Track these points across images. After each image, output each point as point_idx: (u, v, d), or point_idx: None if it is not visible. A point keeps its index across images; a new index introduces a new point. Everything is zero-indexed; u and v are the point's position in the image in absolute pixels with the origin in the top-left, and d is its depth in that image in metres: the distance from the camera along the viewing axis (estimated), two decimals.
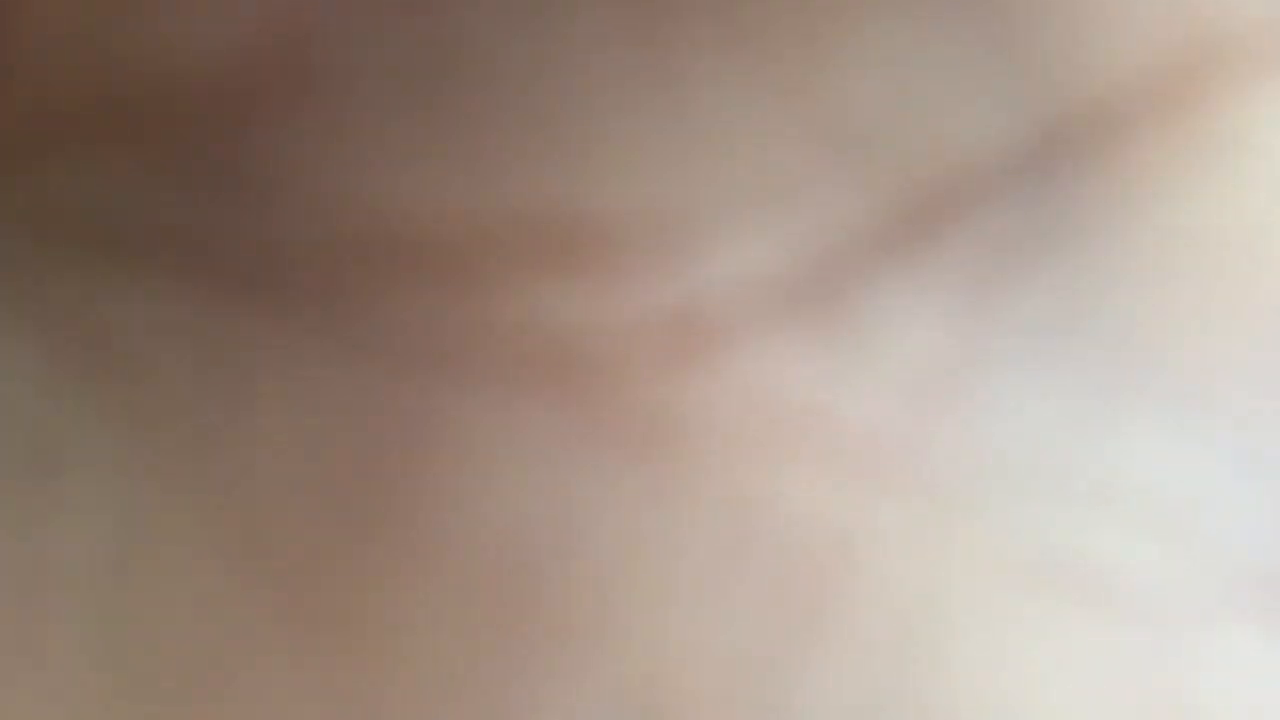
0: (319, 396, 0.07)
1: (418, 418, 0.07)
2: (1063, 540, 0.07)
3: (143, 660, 0.06)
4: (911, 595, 0.06)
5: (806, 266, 0.07)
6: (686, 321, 0.07)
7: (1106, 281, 0.07)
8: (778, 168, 0.07)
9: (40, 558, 0.06)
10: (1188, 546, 0.07)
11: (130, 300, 0.07)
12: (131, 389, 0.07)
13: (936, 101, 0.07)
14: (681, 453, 0.07)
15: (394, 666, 0.06)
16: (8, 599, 0.06)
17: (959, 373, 0.07)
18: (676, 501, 0.07)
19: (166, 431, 0.07)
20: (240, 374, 0.07)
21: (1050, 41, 0.07)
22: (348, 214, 0.07)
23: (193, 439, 0.07)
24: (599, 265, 0.07)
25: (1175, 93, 0.07)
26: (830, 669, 0.06)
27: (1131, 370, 0.07)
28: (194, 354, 0.07)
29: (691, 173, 0.07)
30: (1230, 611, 0.06)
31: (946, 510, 0.07)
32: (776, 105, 0.07)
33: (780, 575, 0.06)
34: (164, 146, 0.07)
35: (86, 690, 0.06)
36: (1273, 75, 0.07)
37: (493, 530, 0.07)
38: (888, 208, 0.07)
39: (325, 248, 0.07)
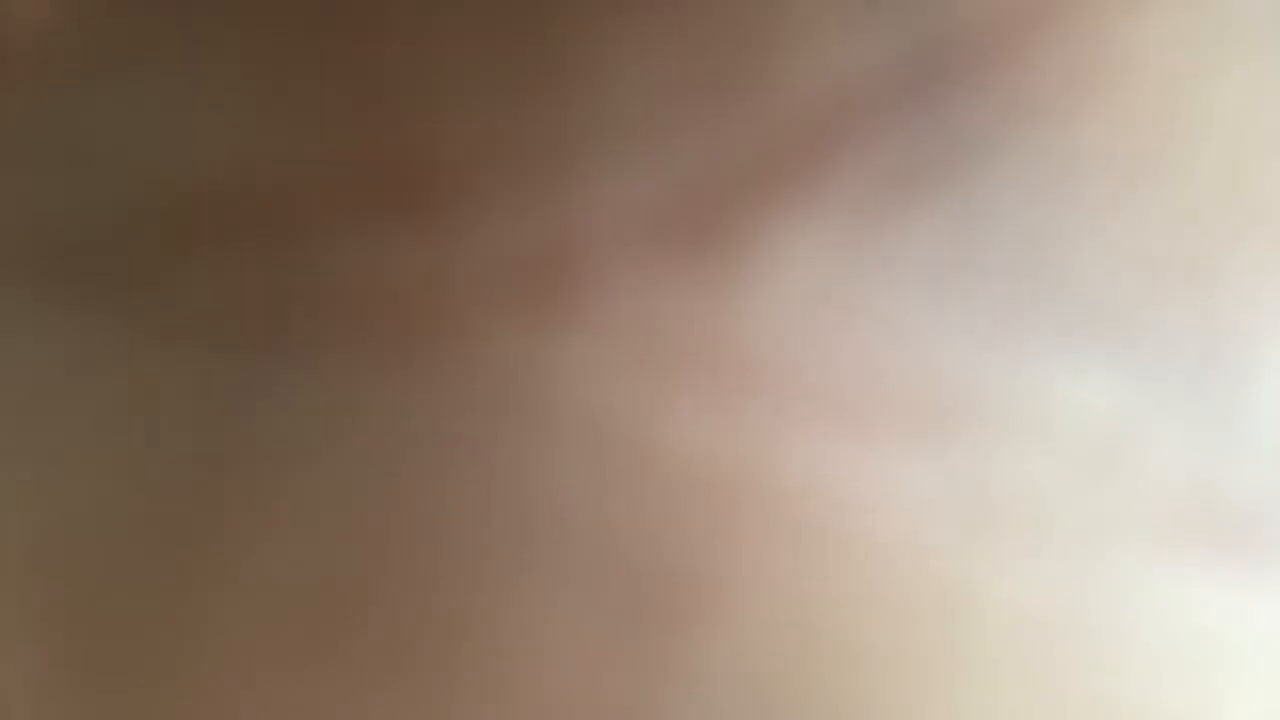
0: (143, 387, 0.06)
1: (241, 396, 0.06)
2: (970, 468, 0.06)
3: None
4: (815, 524, 0.06)
5: (679, 200, 0.06)
6: (547, 265, 0.06)
7: (998, 209, 0.07)
8: (644, 98, 0.06)
9: None
10: (1114, 475, 0.06)
11: None
12: None
13: (816, 29, 0.07)
14: (547, 407, 0.06)
15: (226, 646, 0.06)
16: None
17: (849, 304, 0.06)
18: (545, 462, 0.06)
19: None
20: (69, 370, 0.06)
21: None
22: (155, 178, 0.06)
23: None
24: (444, 209, 0.06)
25: (1060, 17, 0.07)
26: (736, 608, 0.06)
27: (1031, 296, 0.06)
28: None
29: (548, 105, 0.06)
30: (1161, 541, 0.06)
31: (847, 441, 0.06)
32: (643, 32, 0.07)
33: (675, 516, 0.06)
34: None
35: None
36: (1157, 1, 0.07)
37: (334, 519, 0.06)
38: (766, 139, 0.06)
39: (133, 213, 0.06)
